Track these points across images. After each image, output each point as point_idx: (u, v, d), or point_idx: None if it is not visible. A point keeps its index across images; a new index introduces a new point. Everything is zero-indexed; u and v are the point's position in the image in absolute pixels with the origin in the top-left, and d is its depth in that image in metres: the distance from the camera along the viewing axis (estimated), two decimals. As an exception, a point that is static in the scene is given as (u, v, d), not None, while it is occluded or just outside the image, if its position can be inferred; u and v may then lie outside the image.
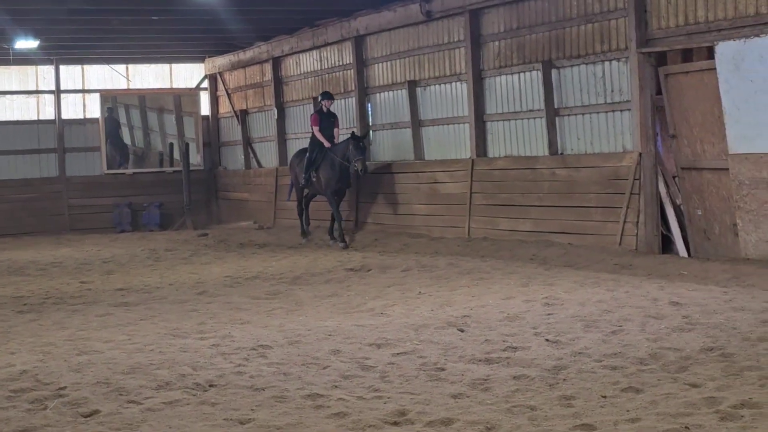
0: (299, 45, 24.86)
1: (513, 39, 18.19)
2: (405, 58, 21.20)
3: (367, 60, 22.50)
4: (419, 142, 20.96)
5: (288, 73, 26.02)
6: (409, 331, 10.12)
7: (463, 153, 19.71)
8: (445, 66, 20.07)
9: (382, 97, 22.20)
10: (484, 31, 18.88)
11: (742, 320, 9.81)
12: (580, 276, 13.52)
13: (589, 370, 8.18)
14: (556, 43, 17.24)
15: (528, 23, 17.80)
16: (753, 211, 13.74)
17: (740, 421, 6.55)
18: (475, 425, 6.72)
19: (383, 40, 21.87)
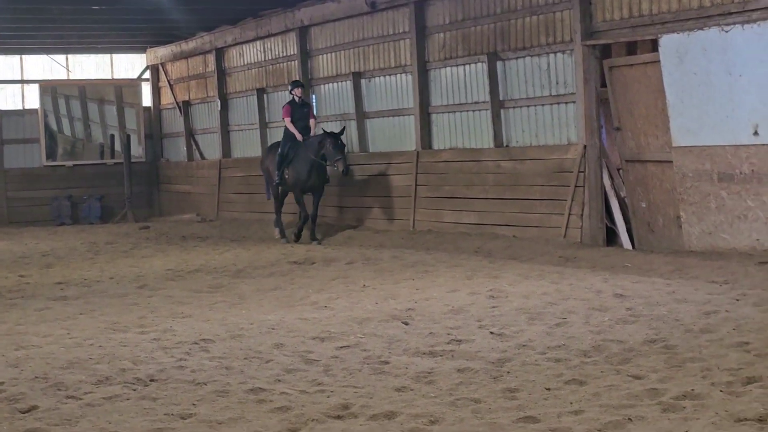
0: (242, 36, 24.75)
1: (458, 31, 18.23)
2: (349, 49, 21.18)
3: (312, 51, 22.45)
4: (364, 135, 20.95)
5: (231, 64, 25.89)
6: (352, 325, 10.11)
7: (407, 145, 19.72)
8: (390, 58, 20.07)
9: (326, 89, 22.16)
10: (429, 22, 18.90)
11: (685, 312, 9.90)
12: (525, 268, 13.58)
13: (533, 362, 8.23)
14: (501, 35, 17.30)
15: (473, 15, 17.84)
16: (696, 203, 13.89)
17: (682, 412, 6.61)
18: (419, 418, 6.72)
19: (327, 31, 21.83)
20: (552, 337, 9.17)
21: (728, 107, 13.40)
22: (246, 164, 24.97)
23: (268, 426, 6.69)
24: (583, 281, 12.20)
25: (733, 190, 13.40)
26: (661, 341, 8.72)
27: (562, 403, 6.99)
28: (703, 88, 13.69)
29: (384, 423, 6.69)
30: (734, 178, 13.38)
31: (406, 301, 11.44)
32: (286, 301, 11.94)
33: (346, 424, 6.71)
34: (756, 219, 13.16)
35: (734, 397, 6.87)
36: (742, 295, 10.63)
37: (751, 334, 8.73)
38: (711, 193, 13.69)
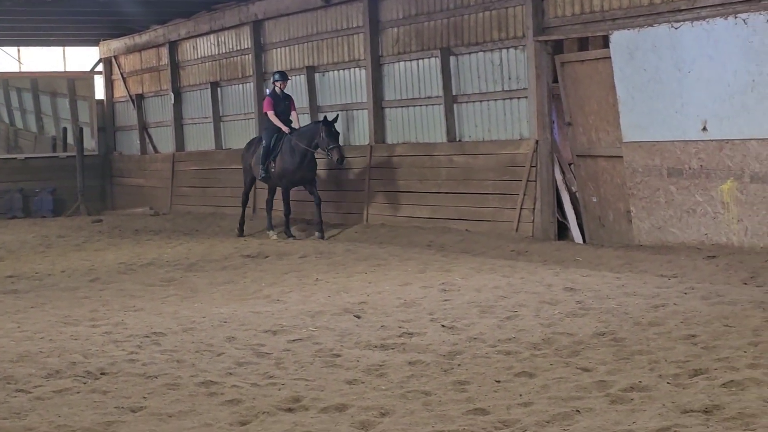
0: (196, 29, 24.62)
1: (412, 25, 18.25)
2: (303, 43, 21.13)
3: (266, 45, 22.38)
4: (317, 129, 20.90)
5: (185, 57, 25.75)
6: (305, 318, 10.11)
7: (361, 139, 19.73)
8: (343, 52, 20.06)
9: (280, 83, 22.06)
10: (383, 17, 18.91)
11: (634, 305, 9.99)
12: (477, 262, 13.63)
13: (484, 355, 8.26)
14: (455, 30, 17.34)
15: (426, 10, 17.87)
16: (646, 198, 14.00)
17: (630, 404, 6.67)
18: (370, 411, 6.74)
19: (282, 25, 21.77)
20: (503, 330, 9.21)
21: (677, 103, 13.52)
22: (200, 158, 24.87)
23: (218, 419, 6.68)
24: (534, 275, 12.26)
25: (682, 185, 13.53)
26: (610, 334, 8.78)
27: (511, 395, 7.03)
28: (653, 85, 13.80)
29: (335, 416, 6.70)
30: (683, 174, 13.50)
31: (359, 294, 11.45)
32: (238, 295, 11.91)
33: (297, 416, 6.71)
34: (704, 214, 13.29)
35: (681, 389, 6.95)
36: (690, 289, 10.74)
37: (699, 327, 8.82)
38: (660, 188, 13.81)
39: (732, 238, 12.99)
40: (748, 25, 12.66)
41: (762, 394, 6.66)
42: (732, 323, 8.90)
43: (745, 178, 12.79)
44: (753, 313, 9.22)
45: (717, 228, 13.17)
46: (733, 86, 12.88)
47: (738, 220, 12.89)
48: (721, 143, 13.03)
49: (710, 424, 6.14)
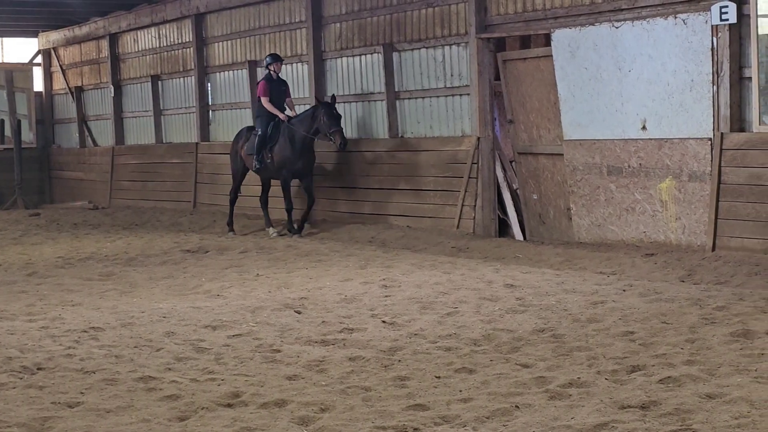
0: (137, 21, 24.41)
1: (354, 21, 18.23)
2: (246, 37, 21.04)
3: (207, 39, 22.25)
4: (259, 123, 20.83)
5: (125, 50, 25.52)
6: (245, 313, 10.08)
7: (303, 135, 19.65)
8: (286, 47, 19.99)
9: (222, 77, 21.98)
10: (326, 12, 18.87)
11: (573, 302, 10.07)
12: (418, 258, 13.67)
13: (424, 351, 8.29)
14: (397, 26, 17.35)
15: (369, 6, 17.86)
16: (586, 195, 14.11)
17: (568, 399, 6.73)
18: (309, 406, 6.74)
19: (224, 18, 21.66)
20: (443, 326, 9.25)
21: (618, 102, 13.64)
22: (140, 151, 24.67)
23: (157, 414, 6.64)
24: (474, 271, 12.32)
25: (622, 183, 13.65)
26: (550, 330, 8.85)
27: (451, 391, 7.06)
28: (593, 83, 13.91)
29: (274, 411, 6.69)
30: (623, 172, 13.62)
31: (299, 290, 11.44)
32: (178, 290, 11.84)
33: (237, 412, 6.69)
34: (643, 212, 13.42)
35: (619, 385, 7.02)
36: (629, 286, 10.84)
37: (637, 324, 8.92)
38: (600, 186, 13.92)
39: (670, 236, 13.14)
40: (687, 25, 12.80)
41: (698, 390, 6.75)
42: (669, 320, 9.00)
43: (683, 176, 12.94)
44: (690, 311, 9.34)
45: (655, 226, 13.31)
46: (672, 86, 13.02)
47: (676, 219, 13.04)
48: (660, 142, 13.17)
49: (647, 419, 6.22)
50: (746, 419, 6.09)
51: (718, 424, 6.04)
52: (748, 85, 12.37)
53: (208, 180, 21.73)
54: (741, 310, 9.21)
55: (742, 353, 7.73)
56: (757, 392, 6.62)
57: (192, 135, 22.90)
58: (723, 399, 6.54)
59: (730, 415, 6.20)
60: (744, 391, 6.65)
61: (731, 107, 12.43)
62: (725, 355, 7.71)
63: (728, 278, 11.26)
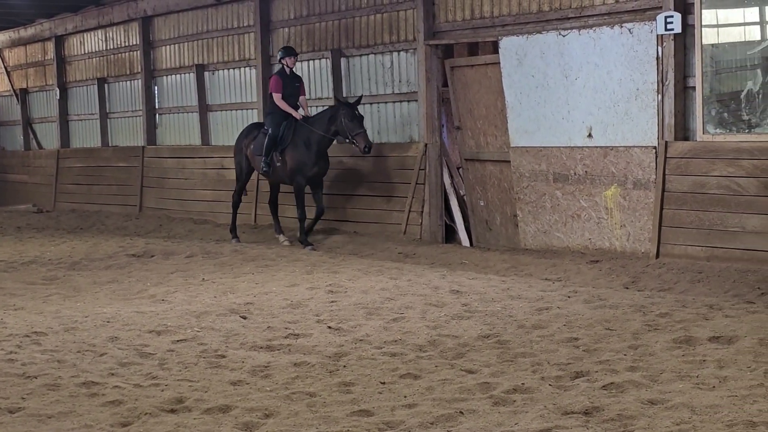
0: (84, 24, 24.22)
1: (303, 26, 18.22)
2: (194, 41, 20.96)
3: (155, 42, 22.12)
4: (206, 127, 20.76)
5: (72, 52, 25.30)
6: (190, 318, 10.02)
7: (250, 139, 19.60)
8: (234, 51, 19.93)
9: (169, 81, 21.88)
10: (274, 17, 18.84)
11: (519, 308, 10.12)
12: (365, 264, 13.66)
13: (370, 356, 8.29)
14: (346, 32, 17.36)
15: (318, 11, 17.86)
16: (532, 202, 14.19)
17: (512, 405, 6.76)
18: (253, 412, 6.71)
19: (171, 22, 21.55)
20: (389, 331, 9.25)
21: (564, 109, 13.74)
22: (85, 155, 24.46)
23: (99, 420, 6.58)
24: (421, 277, 12.34)
25: (568, 190, 13.74)
26: (495, 336, 8.88)
27: (396, 396, 7.07)
28: (540, 91, 14.00)
29: (218, 417, 6.66)
30: (569, 179, 13.71)
31: (245, 295, 11.39)
32: (122, 294, 11.75)
33: (180, 417, 6.65)
34: (589, 218, 13.52)
35: (562, 391, 7.06)
36: (574, 293, 10.91)
37: (581, 330, 8.97)
38: (546, 193, 14.01)
39: (615, 243, 13.24)
40: (633, 34, 12.92)
41: (640, 396, 6.81)
42: (613, 327, 9.07)
43: (628, 184, 13.05)
44: (633, 317, 9.41)
45: (600, 233, 13.41)
46: (618, 94, 13.13)
47: (621, 226, 13.14)
48: (605, 150, 13.28)
49: (590, 425, 6.26)
50: (687, 425, 6.15)
51: (659, 430, 6.10)
52: (692, 94, 12.51)
53: (155, 184, 21.60)
54: (684, 317, 9.30)
55: (684, 360, 7.81)
56: (698, 398, 6.69)
57: (138, 138, 22.76)
58: (665, 405, 6.60)
59: (671, 421, 6.26)
60: (685, 397, 6.72)
61: (676, 116, 12.56)
62: (668, 361, 7.78)
63: (671, 285, 11.37)
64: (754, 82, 11.97)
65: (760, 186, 11.63)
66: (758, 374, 7.27)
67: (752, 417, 6.24)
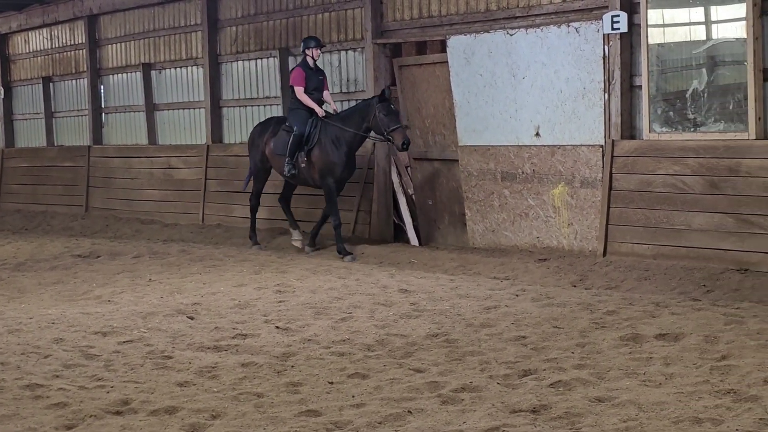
0: (28, 22, 23.95)
1: (251, 25, 18.14)
2: (140, 39, 20.80)
3: (101, 40, 21.93)
4: (153, 127, 20.61)
5: (16, 51, 25.02)
6: (136, 319, 9.93)
7: (198, 138, 19.52)
8: (181, 49, 19.81)
9: (115, 79, 21.69)
10: (222, 15, 18.75)
11: (467, 307, 10.13)
12: (313, 263, 13.62)
13: (318, 356, 8.26)
14: (293, 30, 17.30)
15: (265, 10, 17.79)
16: (480, 201, 14.22)
17: (460, 404, 6.76)
18: (200, 413, 6.66)
19: (117, 20, 21.37)
20: (337, 331, 9.23)
21: (512, 108, 13.78)
22: (30, 155, 24.18)
23: (43, 422, 6.50)
24: (369, 276, 12.32)
25: (516, 189, 13.78)
26: (443, 335, 8.89)
27: (344, 396, 7.04)
28: (488, 90, 14.03)
29: (164, 418, 6.60)
30: (516, 178, 13.76)
31: (193, 295, 11.31)
32: (68, 295, 11.62)
33: (126, 419, 6.59)
34: (536, 217, 13.57)
35: (510, 389, 7.08)
36: (522, 291, 10.95)
37: (529, 329, 9.00)
38: (494, 192, 14.04)
39: (562, 242, 13.30)
40: (580, 33, 12.99)
41: (588, 394, 6.83)
42: (561, 325, 9.11)
43: (575, 183, 13.11)
44: (581, 315, 9.46)
45: (548, 231, 13.47)
46: (565, 93, 13.19)
47: (568, 224, 13.21)
48: (553, 148, 13.33)
49: (538, 423, 6.27)
50: (634, 422, 6.19)
51: (606, 427, 6.12)
52: (638, 93, 12.59)
53: (101, 184, 21.39)
54: (630, 315, 9.35)
55: (631, 357, 7.85)
56: (645, 395, 6.73)
57: (84, 138, 22.54)
58: (612, 402, 6.63)
59: (618, 418, 6.29)
60: (632, 395, 6.76)
61: (622, 115, 12.64)
62: (615, 359, 7.82)
63: (618, 283, 11.44)
64: (699, 81, 12.07)
65: (705, 184, 11.73)
66: (704, 371, 7.33)
67: (698, 413, 6.29)
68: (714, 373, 7.27)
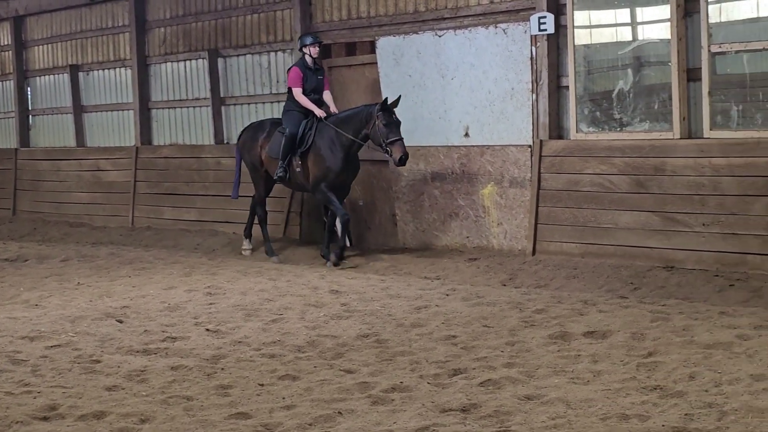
0: (-47, 23, 23.55)
1: (179, 26, 18.00)
2: (67, 41, 20.54)
3: (27, 42, 21.62)
4: (81, 129, 20.37)
5: (-60, 52, 24.60)
6: (64, 323, 9.80)
7: (127, 140, 19.32)
8: (109, 51, 19.60)
9: (42, 81, 21.40)
10: (150, 16, 18.58)
11: (398, 307, 10.13)
12: (244, 265, 13.54)
13: (248, 358, 8.21)
14: (223, 32, 17.21)
15: (194, 11, 17.66)
16: (410, 201, 14.24)
17: (391, 404, 6.75)
18: (129, 417, 6.59)
19: (44, 21, 21.09)
20: (267, 333, 9.18)
21: (441, 109, 13.82)
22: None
23: (-32, 430, 6.39)
24: (300, 278, 12.28)
25: (446, 189, 13.82)
26: (374, 336, 8.88)
27: (274, 398, 7.01)
28: (417, 90, 14.05)
29: (92, 423, 6.51)
30: (446, 178, 13.80)
31: (122, 298, 11.19)
32: (-6, 300, 11.44)
33: (53, 425, 6.49)
34: (466, 217, 13.62)
35: (440, 389, 7.09)
36: (452, 291, 10.99)
37: (459, 328, 9.03)
38: (425, 192, 14.07)
39: (492, 241, 13.37)
40: (508, 34, 13.07)
41: (517, 392, 6.87)
42: (490, 324, 9.15)
43: (504, 182, 13.18)
44: (510, 314, 9.51)
45: (478, 231, 13.52)
46: (493, 93, 13.26)
47: (498, 224, 13.27)
48: (482, 149, 13.39)
49: (467, 422, 6.29)
50: (562, 419, 6.23)
51: (535, 425, 6.16)
52: (565, 93, 12.70)
53: (29, 186, 21.08)
54: (559, 313, 9.42)
55: (559, 355, 7.91)
56: (573, 393, 6.78)
57: (11, 140, 22.21)
58: (540, 400, 6.67)
59: (547, 415, 6.32)
60: (561, 392, 6.81)
61: (550, 115, 12.73)
62: (543, 357, 7.87)
63: (547, 282, 11.52)
64: (625, 81, 12.20)
65: (631, 183, 11.85)
66: (631, 368, 7.41)
67: (625, 410, 6.35)
68: (641, 369, 7.35)
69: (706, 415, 6.17)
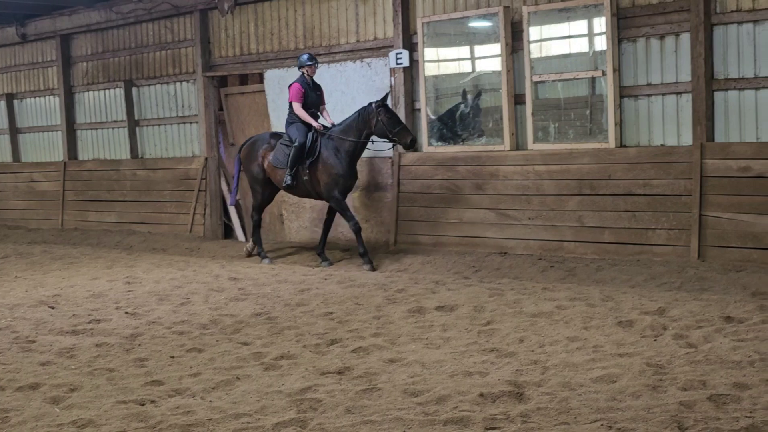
0: None
1: (99, 61, 17.58)
2: (3, 73, 19.87)
3: (-32, 74, 20.84)
4: (17, 147, 19.73)
5: None
6: (4, 310, 9.50)
7: (56, 156, 18.79)
8: (40, 81, 19.03)
9: (-18, 107, 20.65)
10: (74, 53, 18.10)
11: (285, 290, 10.08)
12: (157, 258, 13.32)
13: (161, 336, 8.07)
14: (136, 65, 16.86)
15: (112, 48, 17.27)
16: (295, 204, 14.18)
17: (280, 370, 6.72)
18: (60, 387, 6.42)
19: (-17, 57, 20.37)
20: (177, 314, 9.04)
21: (318, 128, 13.75)
22: None
23: None
24: (204, 268, 12.12)
25: (323, 193, 13.77)
26: (266, 314, 8.82)
27: (183, 368, 6.91)
28: (299, 113, 13.96)
29: (28, 393, 6.33)
30: (323, 184, 13.73)
31: (54, 288, 10.89)
32: (-57, 292, 11.00)
33: (-6, 396, 6.28)
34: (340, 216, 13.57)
35: (320, 356, 7.07)
36: (329, 276, 10.97)
37: (335, 306, 9.03)
38: (306, 196, 13.99)
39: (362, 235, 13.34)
40: (371, 67, 13.10)
41: (382, 357, 6.90)
42: (361, 302, 9.17)
43: (371, 187, 13.20)
44: (377, 293, 9.54)
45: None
46: (360, 115, 13.25)
47: (366, 221, 13.29)
48: (352, 160, 13.36)
49: (342, 382, 6.29)
50: (419, 377, 6.28)
51: (397, 382, 6.19)
52: (419, 115, 12.79)
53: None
54: (416, 292, 9.50)
55: (416, 325, 7.97)
56: (428, 356, 6.84)
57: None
58: (402, 362, 6.71)
59: (407, 375, 6.37)
60: (418, 356, 6.86)
61: (406, 132, 12.77)
62: (404, 327, 7.92)
63: (407, 267, 11.59)
64: (465, 105, 12.35)
65: (472, 186, 12.01)
66: (473, 334, 7.51)
67: (469, 368, 6.43)
68: (481, 335, 7.46)
69: (532, 370, 6.30)
